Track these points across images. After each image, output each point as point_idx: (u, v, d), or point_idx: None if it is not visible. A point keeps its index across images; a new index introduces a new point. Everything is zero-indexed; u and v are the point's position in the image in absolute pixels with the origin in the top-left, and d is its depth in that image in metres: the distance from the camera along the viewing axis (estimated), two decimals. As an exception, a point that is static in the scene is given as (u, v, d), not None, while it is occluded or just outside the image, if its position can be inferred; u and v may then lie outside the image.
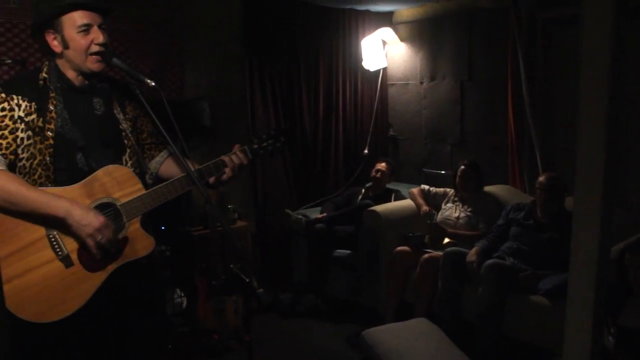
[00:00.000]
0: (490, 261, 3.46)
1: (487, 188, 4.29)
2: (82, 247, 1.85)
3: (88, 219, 1.79)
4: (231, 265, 2.57)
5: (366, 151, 5.53)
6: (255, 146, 2.18)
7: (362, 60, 5.40)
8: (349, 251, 4.42)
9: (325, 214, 4.63)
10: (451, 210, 4.20)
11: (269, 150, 2.21)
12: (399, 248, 4.00)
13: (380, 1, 5.04)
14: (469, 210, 4.11)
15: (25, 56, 3.63)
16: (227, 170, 2.09)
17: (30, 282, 1.78)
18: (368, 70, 5.46)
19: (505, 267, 3.43)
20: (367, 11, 5.45)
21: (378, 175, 4.75)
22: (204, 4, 4.48)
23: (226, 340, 3.73)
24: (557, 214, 3.55)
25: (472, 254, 3.58)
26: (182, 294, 3.82)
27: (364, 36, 5.40)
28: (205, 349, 3.66)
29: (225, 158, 2.10)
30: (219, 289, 3.61)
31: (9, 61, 3.56)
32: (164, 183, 1.98)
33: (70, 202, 1.80)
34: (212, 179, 2.09)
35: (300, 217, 4.63)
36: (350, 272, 4.37)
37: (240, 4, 4.64)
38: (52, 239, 1.83)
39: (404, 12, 5.50)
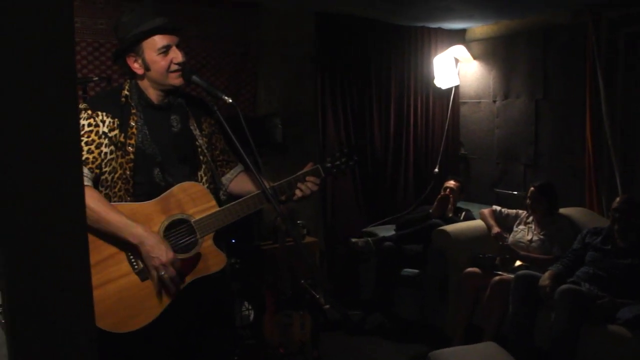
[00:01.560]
0: (564, 286, 3.33)
1: (562, 210, 4.14)
2: None
3: (158, 253, 1.85)
4: (302, 281, 2.60)
5: (436, 170, 5.47)
6: (329, 165, 2.19)
7: (433, 78, 5.37)
8: (417, 270, 4.38)
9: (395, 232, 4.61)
10: (523, 233, 4.08)
11: (341, 169, 2.22)
12: (469, 269, 3.92)
13: (453, 19, 5.01)
14: (542, 233, 3.99)
15: (110, 73, 3.84)
16: (299, 189, 2.12)
17: (108, 293, 1.85)
18: (440, 88, 5.41)
19: (580, 293, 3.29)
20: (440, 29, 5.42)
21: (447, 193, 4.68)
22: (277, 21, 4.60)
23: (291, 354, 3.76)
24: (636, 239, 3.39)
25: (545, 278, 3.46)
26: (250, 307, 3.89)
27: (436, 54, 5.37)
28: (270, 362, 3.71)
29: (299, 180, 2.12)
30: (286, 304, 3.65)
31: (96, 78, 3.78)
32: (238, 201, 2.03)
33: (145, 230, 1.87)
34: (283, 196, 2.12)
35: (367, 240, 4.59)
36: (418, 291, 4.32)
37: (313, 22, 4.74)
38: (129, 253, 1.92)
39: (477, 29, 5.44)
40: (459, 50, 5.33)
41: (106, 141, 1.93)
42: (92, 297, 0.80)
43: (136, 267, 1.91)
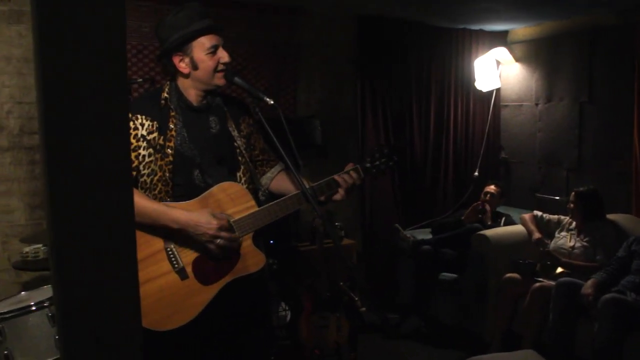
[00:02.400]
0: (608, 295, 3.24)
1: (607, 217, 4.03)
2: (199, 259, 1.95)
3: (203, 228, 1.89)
4: (340, 283, 2.60)
5: (476, 173, 5.40)
6: (368, 165, 2.20)
7: (474, 80, 5.30)
8: (455, 275, 4.33)
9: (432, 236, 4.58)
10: (565, 239, 3.99)
11: (381, 169, 2.22)
12: (508, 275, 3.86)
13: (495, 20, 4.94)
14: (585, 239, 3.89)
15: (153, 75, 3.92)
16: (339, 190, 2.12)
17: (148, 292, 1.88)
18: (480, 91, 5.35)
19: (625, 302, 3.20)
20: (481, 31, 5.35)
21: (487, 198, 4.62)
22: (319, 24, 4.63)
23: (327, 356, 3.76)
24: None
25: (588, 286, 3.38)
26: (287, 308, 3.91)
27: (477, 56, 5.30)
28: (306, 364, 3.72)
29: (338, 178, 2.12)
30: (323, 305, 3.66)
31: (140, 80, 3.87)
32: (277, 201, 2.05)
33: (183, 212, 1.91)
34: (322, 197, 2.13)
35: (408, 235, 4.60)
36: (455, 296, 4.27)
37: (354, 25, 4.74)
38: (170, 252, 1.95)
39: (520, 31, 5.35)
40: (500, 53, 5.25)
41: (144, 144, 1.96)
42: (139, 294, 0.82)
43: (176, 265, 1.94)
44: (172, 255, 1.94)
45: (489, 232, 4.13)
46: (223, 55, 2.02)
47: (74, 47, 0.72)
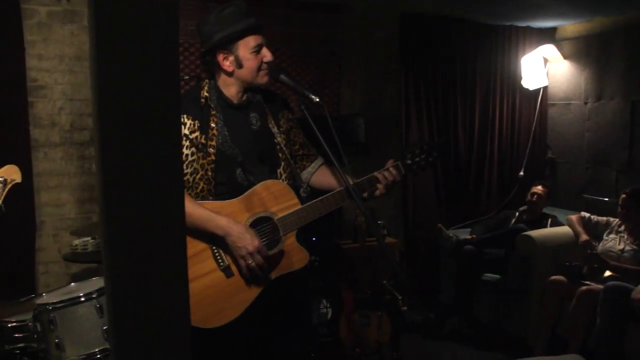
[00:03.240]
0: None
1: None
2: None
3: (243, 242, 1.90)
4: (384, 282, 2.59)
5: (521, 173, 5.30)
6: (409, 161, 2.18)
7: (521, 78, 5.20)
8: (498, 276, 4.26)
9: (474, 236, 4.51)
10: (614, 242, 3.88)
11: (422, 165, 2.20)
12: (554, 277, 3.77)
13: (544, 17, 4.83)
14: (635, 242, 3.77)
15: (199, 72, 3.99)
16: (380, 186, 2.11)
17: (194, 290, 1.89)
18: (527, 89, 5.24)
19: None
20: (529, 27, 5.24)
21: (534, 198, 4.53)
22: (362, 22, 4.63)
23: (368, 355, 3.76)
24: None
25: (638, 291, 3.27)
26: (328, 305, 3.92)
27: (524, 53, 5.19)
28: (346, 361, 3.73)
29: (379, 175, 2.12)
30: (364, 304, 3.65)
31: (187, 77, 3.94)
32: (320, 198, 2.05)
33: (229, 222, 1.92)
34: (364, 194, 2.12)
35: (451, 235, 4.55)
36: (498, 297, 4.20)
37: (398, 22, 4.72)
38: (215, 250, 1.97)
39: (569, 27, 5.21)
40: (548, 50, 5.13)
41: (187, 143, 1.99)
42: (188, 289, 0.84)
43: (222, 264, 1.96)
44: (217, 254, 1.97)
45: (534, 233, 4.05)
46: (267, 54, 2.04)
47: (129, 46, 0.74)
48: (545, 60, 5.25)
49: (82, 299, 2.64)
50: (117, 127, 0.75)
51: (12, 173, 1.87)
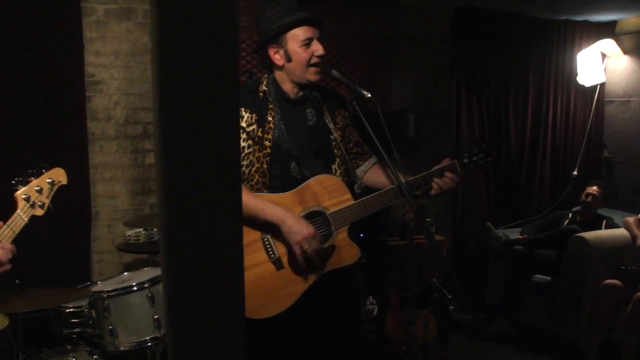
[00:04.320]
0: None
1: None
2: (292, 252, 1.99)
3: (299, 228, 1.91)
4: (433, 280, 2.56)
5: (575, 172, 5.15)
6: (466, 160, 2.14)
7: (576, 74, 5.04)
8: (549, 278, 4.16)
9: (525, 236, 4.42)
10: (676, 246, 3.72)
11: (479, 164, 2.15)
12: (609, 281, 3.65)
13: (603, 10, 4.66)
14: (698, 246, 3.61)
15: (250, 67, 4.04)
16: (435, 186, 2.08)
17: (245, 281, 1.93)
18: (583, 86, 5.08)
19: None
20: (586, 22, 5.07)
21: (589, 199, 4.39)
22: (415, 17, 4.59)
23: (413, 353, 3.73)
24: None
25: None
26: (374, 302, 3.91)
27: (580, 49, 5.04)
28: (391, 358, 3.70)
29: (436, 175, 2.08)
30: (411, 302, 3.63)
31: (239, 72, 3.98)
32: (373, 194, 2.04)
33: (284, 210, 1.94)
34: (418, 191, 2.10)
35: (500, 234, 4.47)
36: (549, 300, 4.10)
37: (451, 17, 4.66)
38: (266, 242, 1.99)
39: (630, 20, 5.01)
40: (606, 45, 4.96)
41: (244, 136, 2.01)
42: (244, 278, 0.85)
43: (272, 256, 1.98)
44: (268, 246, 1.99)
45: (588, 235, 3.93)
46: (317, 48, 2.03)
47: (190, 41, 0.75)
48: (603, 56, 5.08)
49: (135, 288, 2.72)
50: (177, 119, 0.76)
51: (59, 175, 2.00)
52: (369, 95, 1.98)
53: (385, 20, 4.49)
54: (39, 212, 1.91)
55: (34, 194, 1.89)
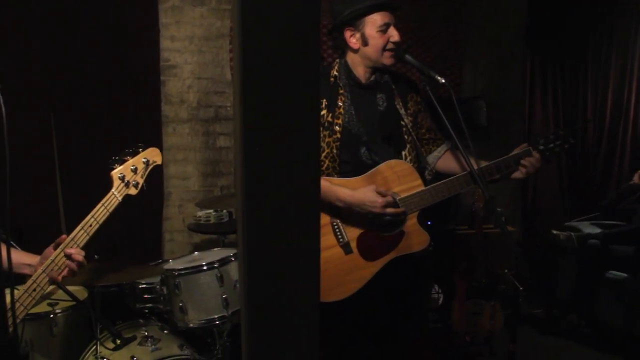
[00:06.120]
0: None
1: None
2: (363, 235, 1.98)
3: (370, 205, 1.92)
4: (505, 271, 2.50)
5: (657, 165, 4.88)
6: (541, 147, 2.08)
7: (663, 59, 4.75)
8: (625, 274, 3.97)
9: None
10: None
11: (556, 152, 2.09)
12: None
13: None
14: None
15: (320, 52, 4.04)
16: (521, 169, 2.04)
17: None
18: (670, 71, 4.78)
19: None
20: (677, 5, 4.77)
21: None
22: (488, 2, 4.44)
23: (477, 344, 3.67)
24: None
25: None
26: (440, 291, 3.86)
27: (670, 31, 4.73)
28: (454, 348, 3.66)
29: (510, 163, 2.04)
30: (477, 292, 3.56)
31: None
32: (444, 181, 2.02)
33: (350, 192, 1.94)
34: (497, 175, 2.06)
35: (570, 234, 4.28)
36: (624, 297, 3.92)
37: (526, 3, 4.49)
38: (335, 226, 2.00)
39: None
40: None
41: None
42: (319, 261, 0.85)
43: (341, 240, 1.99)
44: (337, 230, 2.00)
45: (670, 231, 3.72)
46: (394, 34, 2.01)
47: (272, 24, 0.76)
48: (694, 42, 4.76)
49: (205, 268, 2.79)
50: (258, 104, 0.77)
51: (154, 155, 2.04)
52: (443, 81, 1.95)
53: (458, 4, 4.39)
54: (133, 191, 1.93)
55: (129, 173, 1.92)
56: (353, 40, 2.04)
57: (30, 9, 3.52)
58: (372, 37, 2.01)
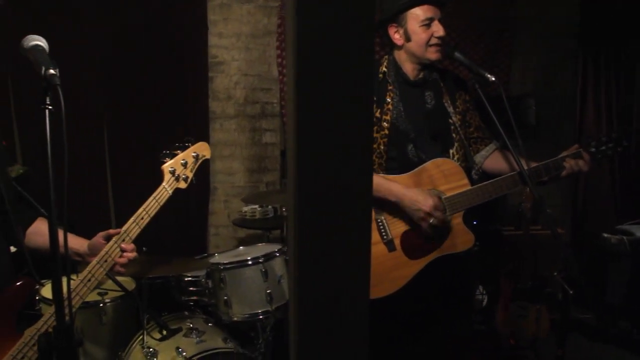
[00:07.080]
0: None
1: None
2: (407, 233, 1.97)
3: (419, 204, 1.91)
4: (555, 273, 2.45)
5: None
6: (593, 149, 2.04)
7: None
8: (681, 280, 3.83)
9: None
10: None
11: (608, 154, 2.04)
12: None
13: None
14: None
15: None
16: (567, 165, 2.00)
17: None
18: None
19: None
20: None
21: None
22: (538, -1, 4.36)
23: (522, 347, 3.59)
24: None
25: None
26: (484, 292, 3.80)
27: None
28: (498, 351, 3.59)
29: (568, 161, 2.01)
30: (523, 295, 3.49)
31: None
32: (491, 180, 1.99)
33: (403, 187, 1.94)
34: (546, 177, 2.02)
35: (622, 238, 4.15)
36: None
37: (578, -1, 4.38)
38: (380, 223, 2.00)
39: None
40: None
41: None
42: (370, 258, 0.85)
43: (385, 237, 1.98)
44: (382, 227, 1.99)
45: None
46: (438, 29, 2.00)
47: (328, 24, 0.76)
48: None
49: (250, 262, 2.82)
50: (312, 99, 0.77)
51: (203, 149, 2.07)
52: (493, 79, 1.92)
53: (507, 1, 4.30)
54: (183, 185, 1.96)
55: (179, 167, 1.95)
56: (397, 36, 2.05)
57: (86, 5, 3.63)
58: (414, 32, 2.00)
